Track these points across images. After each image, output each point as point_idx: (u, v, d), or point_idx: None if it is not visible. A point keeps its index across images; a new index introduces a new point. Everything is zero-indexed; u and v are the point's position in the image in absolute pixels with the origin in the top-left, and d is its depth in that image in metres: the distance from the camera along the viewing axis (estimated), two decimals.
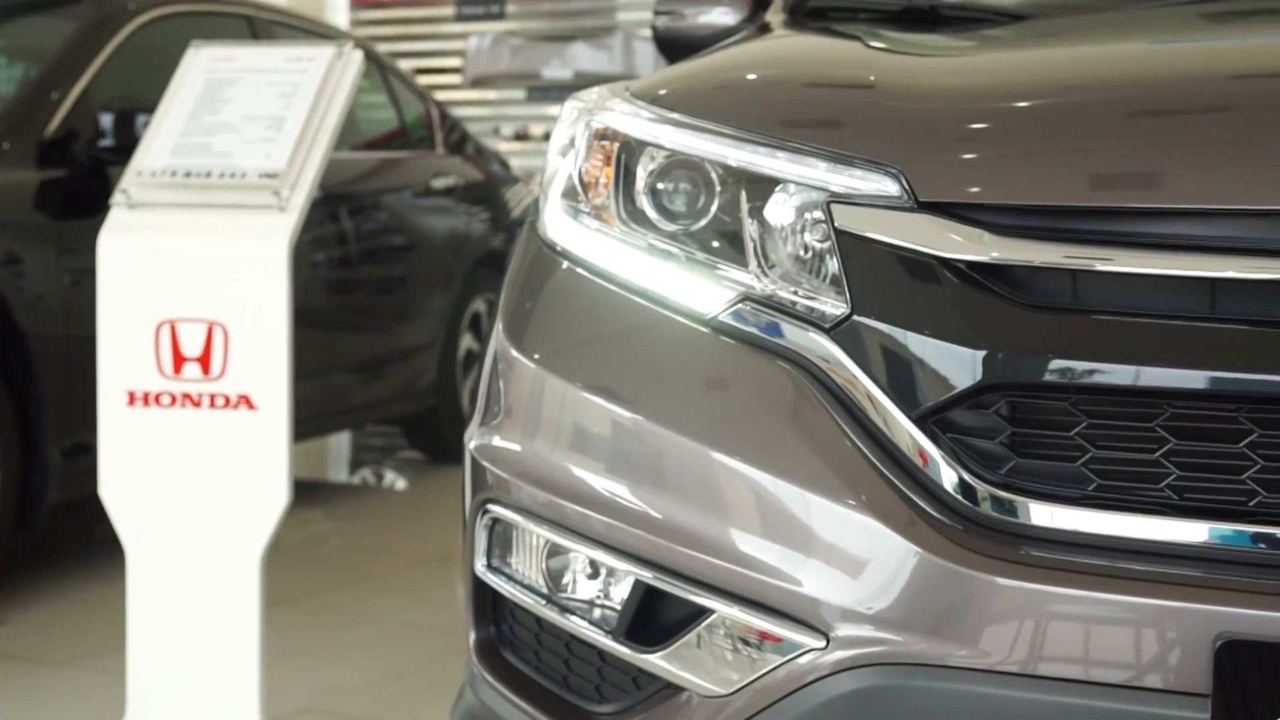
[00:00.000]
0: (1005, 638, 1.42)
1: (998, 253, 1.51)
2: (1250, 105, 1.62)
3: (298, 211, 2.88)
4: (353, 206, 5.51)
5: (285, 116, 2.95)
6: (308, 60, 3.07)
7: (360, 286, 5.62)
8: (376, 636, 3.92)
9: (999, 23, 2.27)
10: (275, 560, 3.02)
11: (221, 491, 2.87)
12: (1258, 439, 1.41)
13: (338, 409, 5.50)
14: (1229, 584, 1.38)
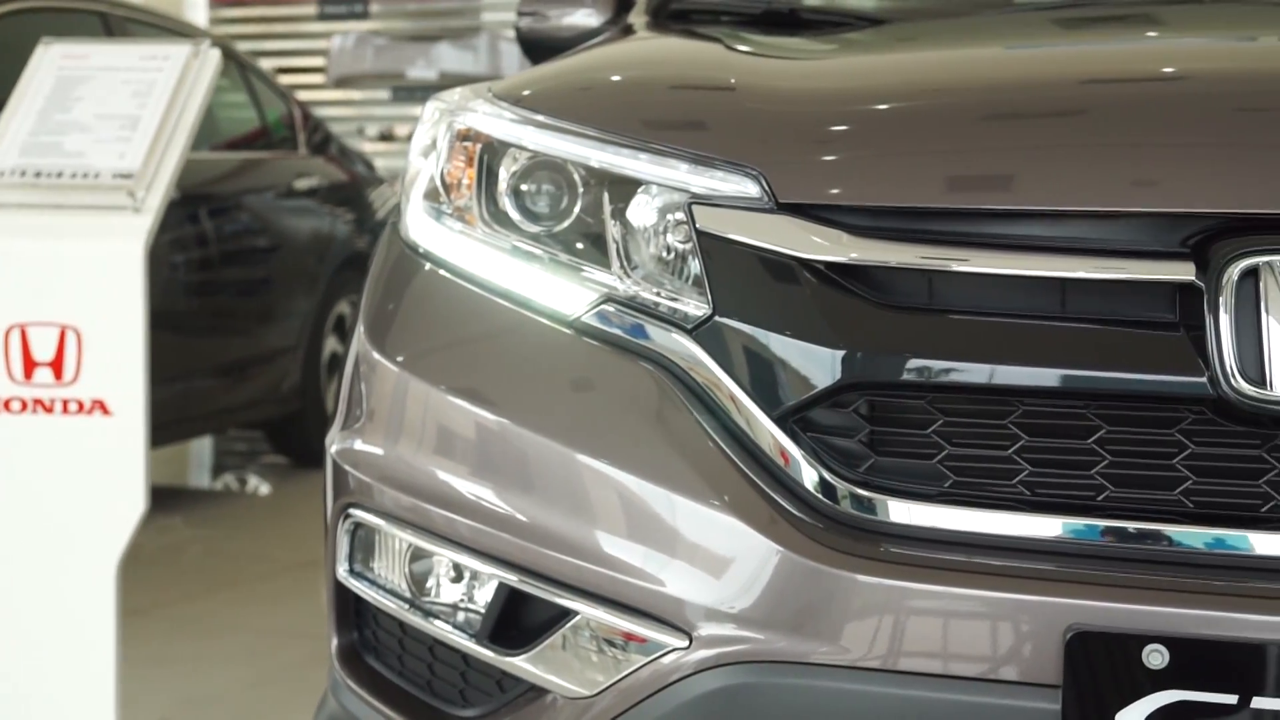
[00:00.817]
0: (865, 634, 1.44)
1: (856, 253, 1.53)
2: (1099, 109, 1.66)
3: (153, 212, 2.82)
4: (213, 207, 5.42)
5: (140, 116, 2.89)
6: (163, 58, 3.00)
7: (221, 289, 5.53)
8: (238, 645, 3.86)
9: (858, 26, 2.30)
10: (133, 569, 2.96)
11: (75, 499, 2.80)
12: (1106, 435, 1.45)
13: (198, 413, 5.41)
14: (1079, 577, 1.41)
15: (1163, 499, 1.44)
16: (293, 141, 6.33)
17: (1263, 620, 1.34)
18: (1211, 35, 2.03)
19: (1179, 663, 1.34)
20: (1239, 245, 1.41)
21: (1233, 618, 1.35)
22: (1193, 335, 1.42)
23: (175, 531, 5.23)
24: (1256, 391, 1.38)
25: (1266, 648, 1.33)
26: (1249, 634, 1.34)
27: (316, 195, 6.19)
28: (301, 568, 4.48)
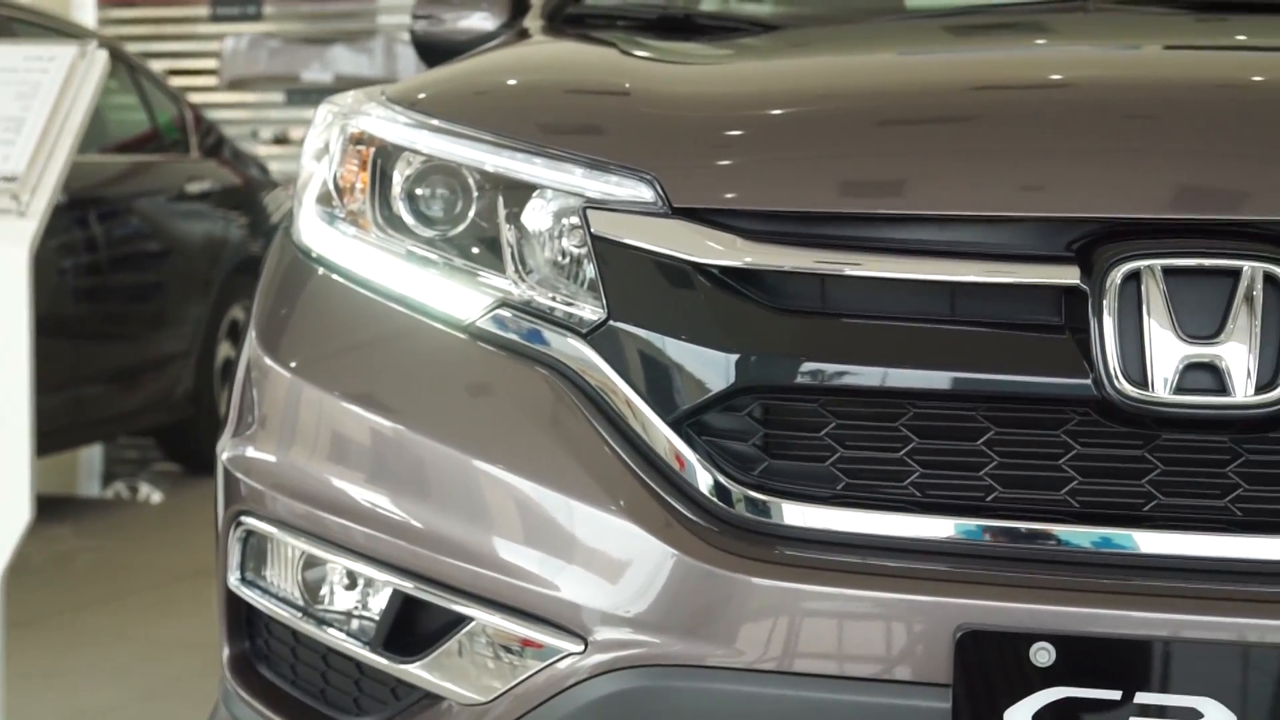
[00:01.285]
0: (760, 636, 1.45)
1: (750, 258, 1.54)
2: (988, 115, 1.68)
3: (39, 216, 2.77)
4: (102, 211, 5.32)
5: (24, 118, 2.84)
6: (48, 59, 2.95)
7: (111, 294, 5.44)
8: (128, 656, 3.80)
9: (753, 32, 2.31)
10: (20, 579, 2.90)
11: None
12: (994, 436, 1.47)
13: (88, 420, 5.31)
14: (968, 577, 1.43)
15: (1049, 499, 1.46)
16: (185, 144, 6.25)
17: (1146, 617, 1.37)
18: (1097, 44, 2.07)
19: (1066, 660, 1.37)
20: (1121, 249, 1.44)
21: (1117, 615, 1.38)
22: (1078, 338, 1.44)
23: (64, 541, 5.13)
24: (1139, 393, 1.41)
25: (1150, 644, 1.36)
26: (1133, 631, 1.37)
27: (209, 199, 6.11)
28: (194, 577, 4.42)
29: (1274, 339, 1.40)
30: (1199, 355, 1.40)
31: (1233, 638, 1.36)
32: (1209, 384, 1.41)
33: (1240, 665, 1.35)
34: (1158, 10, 2.34)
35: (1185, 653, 1.36)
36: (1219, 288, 1.42)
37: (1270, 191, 1.48)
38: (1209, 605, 1.38)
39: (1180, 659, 1.36)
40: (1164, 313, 1.41)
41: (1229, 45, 2.05)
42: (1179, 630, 1.36)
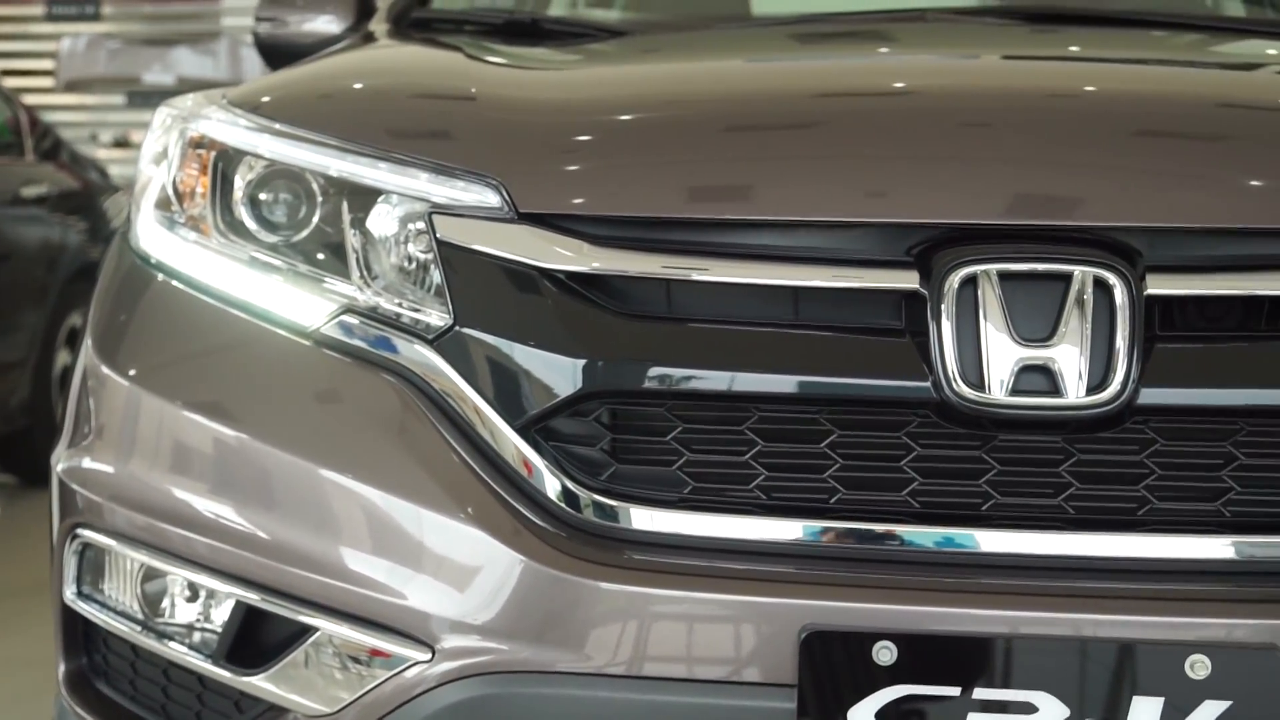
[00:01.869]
0: (610, 641, 1.46)
1: (598, 263, 1.54)
2: (832, 122, 1.71)
3: None
4: None
5: None
6: None
7: None
8: None
9: (600, 38, 2.32)
10: None
11: None
12: (838, 439, 1.49)
13: None
14: (812, 578, 1.45)
15: (891, 500, 1.49)
16: (19, 147, 6.07)
17: (984, 614, 1.40)
18: (936, 53, 2.11)
19: (906, 658, 1.39)
20: (959, 255, 1.47)
21: (957, 613, 1.41)
22: (917, 341, 1.47)
23: None
24: (976, 395, 1.44)
25: (988, 641, 1.39)
26: (971, 628, 1.40)
27: (45, 203, 5.94)
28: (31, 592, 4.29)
29: (1104, 342, 1.44)
30: (1033, 358, 1.44)
31: (1066, 633, 1.40)
32: (1043, 386, 1.44)
33: (1073, 660, 1.39)
34: (994, 21, 2.41)
35: (1021, 648, 1.39)
36: (1052, 292, 1.46)
37: (1101, 198, 1.52)
38: (1044, 602, 1.41)
39: (1016, 655, 1.39)
40: (1000, 316, 1.45)
41: (1063, 56, 2.11)
42: (1016, 627, 1.40)
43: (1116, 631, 1.39)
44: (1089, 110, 1.72)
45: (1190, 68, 2.05)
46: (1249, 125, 1.69)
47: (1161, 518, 1.46)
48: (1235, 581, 1.45)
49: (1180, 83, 1.90)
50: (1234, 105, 1.76)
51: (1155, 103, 1.74)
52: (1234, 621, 1.39)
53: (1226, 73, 2.02)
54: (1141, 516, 1.47)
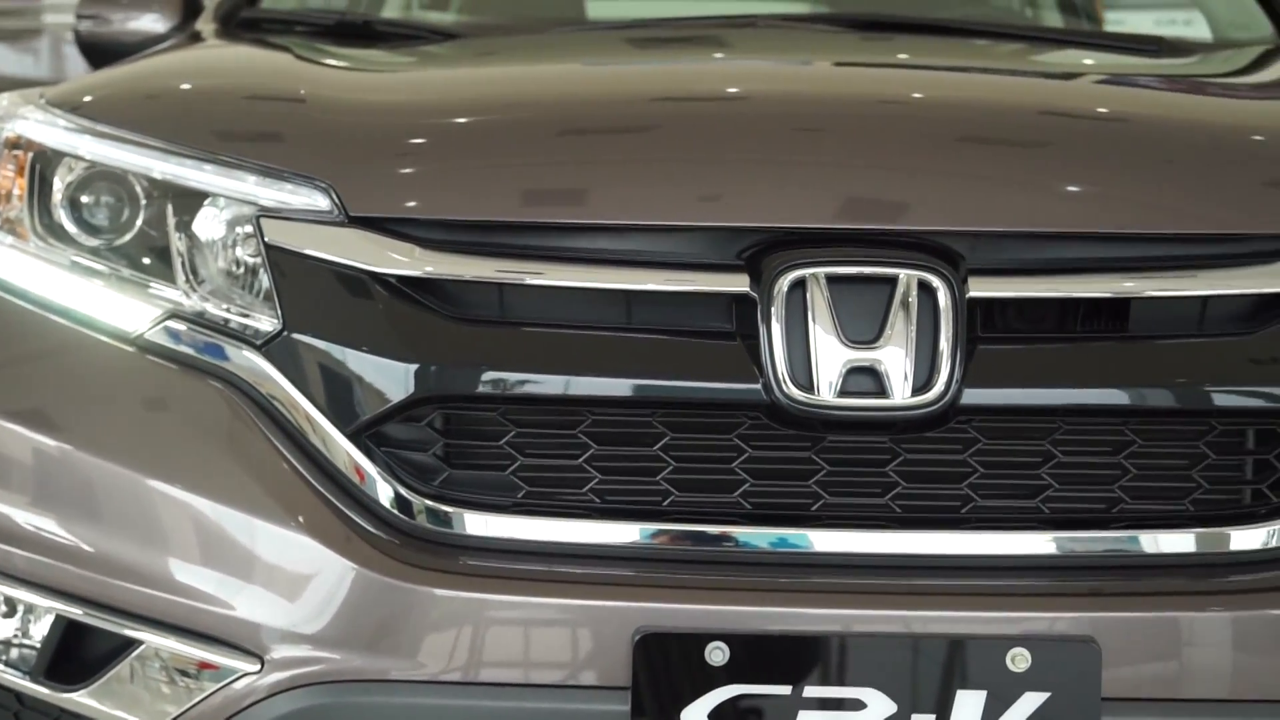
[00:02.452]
0: (444, 647, 1.45)
1: (431, 267, 1.53)
2: (664, 127, 1.73)
3: None
4: None
5: None
6: None
7: None
8: None
9: (434, 40, 2.31)
10: None
11: None
12: (670, 442, 1.50)
13: None
14: (646, 581, 1.46)
15: (723, 502, 1.50)
16: None
17: (814, 613, 1.43)
18: (768, 59, 2.14)
19: (738, 658, 1.41)
20: (788, 258, 1.49)
21: (787, 612, 1.43)
22: (748, 344, 1.49)
23: None
24: (805, 396, 1.46)
25: (818, 639, 1.41)
26: (801, 627, 1.42)
27: None
28: None
29: (928, 344, 1.47)
30: (860, 360, 1.47)
31: (893, 630, 1.42)
32: (870, 387, 1.47)
33: (900, 655, 1.41)
34: (824, 28, 2.45)
35: (850, 646, 1.41)
36: (878, 295, 1.48)
37: (925, 203, 1.55)
38: (871, 600, 1.44)
39: (846, 652, 1.41)
40: (828, 319, 1.47)
41: (891, 64, 2.15)
42: (845, 625, 1.42)
43: (941, 627, 1.42)
44: (915, 117, 1.76)
45: (1012, 76, 2.11)
46: (1066, 133, 1.74)
47: (984, 515, 1.50)
48: (1055, 576, 1.49)
49: (1002, 91, 1.96)
50: (1052, 113, 1.81)
51: (978, 110, 1.79)
52: (1053, 615, 1.43)
53: (1046, 81, 2.08)
54: (965, 514, 1.50)
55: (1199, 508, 1.51)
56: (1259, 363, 1.50)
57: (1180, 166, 1.64)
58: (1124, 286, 1.52)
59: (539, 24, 2.65)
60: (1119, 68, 2.19)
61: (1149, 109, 1.87)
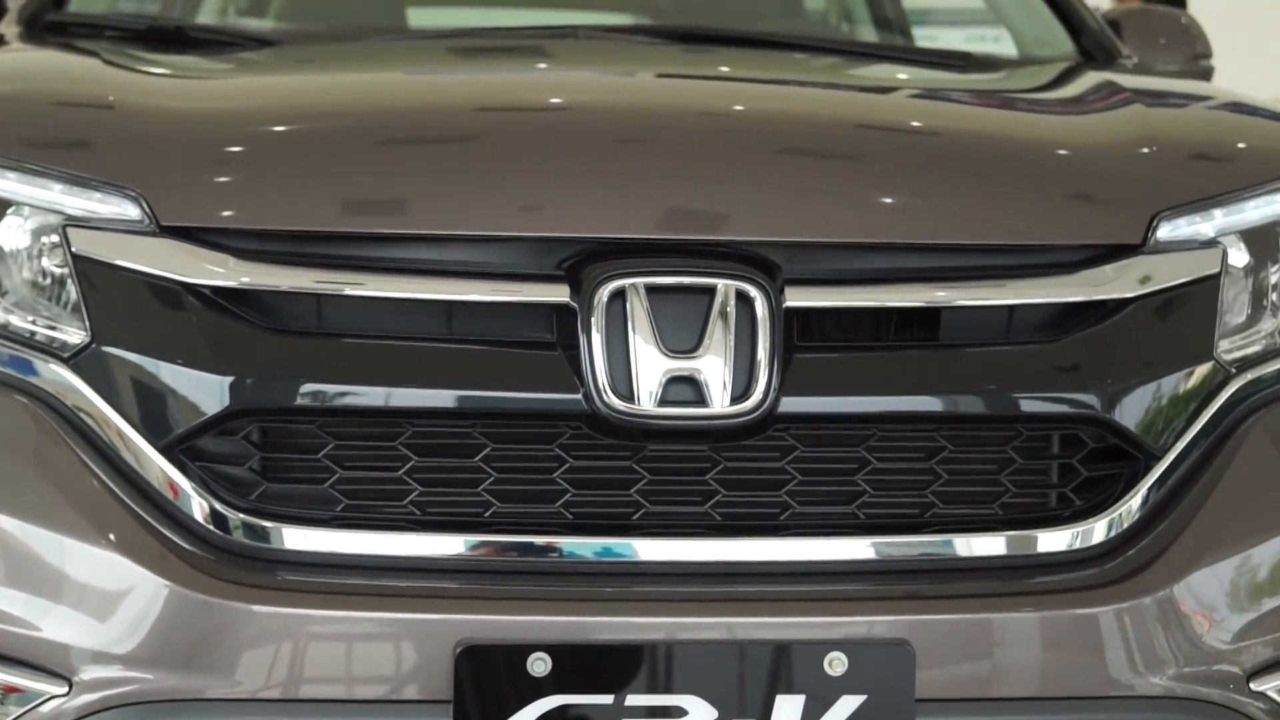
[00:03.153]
0: (263, 664, 1.42)
1: (246, 278, 1.51)
2: (484, 137, 1.72)
3: None
4: None
5: None
6: None
7: None
8: None
9: (251, 47, 2.27)
10: None
11: None
12: (491, 453, 1.50)
13: None
14: (468, 593, 1.46)
15: (545, 512, 1.50)
16: None
17: (635, 622, 1.43)
18: (590, 70, 2.15)
19: (561, 669, 1.41)
20: (608, 268, 1.50)
21: (608, 621, 1.43)
22: (569, 354, 1.49)
23: None
24: (626, 406, 1.47)
25: (640, 648, 1.42)
26: (623, 636, 1.43)
27: None
28: None
29: (746, 353, 1.49)
30: (680, 369, 1.48)
31: (713, 636, 1.44)
32: (689, 396, 1.48)
33: (720, 662, 1.43)
34: (645, 40, 2.47)
35: (671, 654, 1.42)
36: (697, 305, 1.50)
37: (743, 214, 1.58)
38: (691, 607, 1.45)
39: (667, 660, 1.42)
40: (648, 329, 1.48)
41: (711, 76, 2.18)
42: (665, 633, 1.43)
43: (761, 633, 1.44)
44: (733, 129, 1.78)
45: (828, 90, 2.15)
46: (881, 145, 1.78)
47: (802, 521, 1.52)
48: (871, 581, 1.52)
49: (818, 104, 2.00)
50: (866, 126, 1.85)
51: (795, 123, 1.82)
52: (868, 619, 1.46)
53: (860, 96, 2.13)
54: (784, 521, 1.52)
55: (1008, 511, 1.56)
56: (1063, 369, 1.55)
57: (988, 180, 1.69)
58: (935, 296, 1.56)
59: (359, 32, 2.62)
60: (930, 82, 2.25)
61: (958, 123, 1.92)
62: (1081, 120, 1.95)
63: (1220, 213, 1.67)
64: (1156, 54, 2.73)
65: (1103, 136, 1.80)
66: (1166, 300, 1.60)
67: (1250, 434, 1.59)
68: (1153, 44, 2.77)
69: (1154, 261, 1.60)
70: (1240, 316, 1.65)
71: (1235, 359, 1.62)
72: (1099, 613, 1.48)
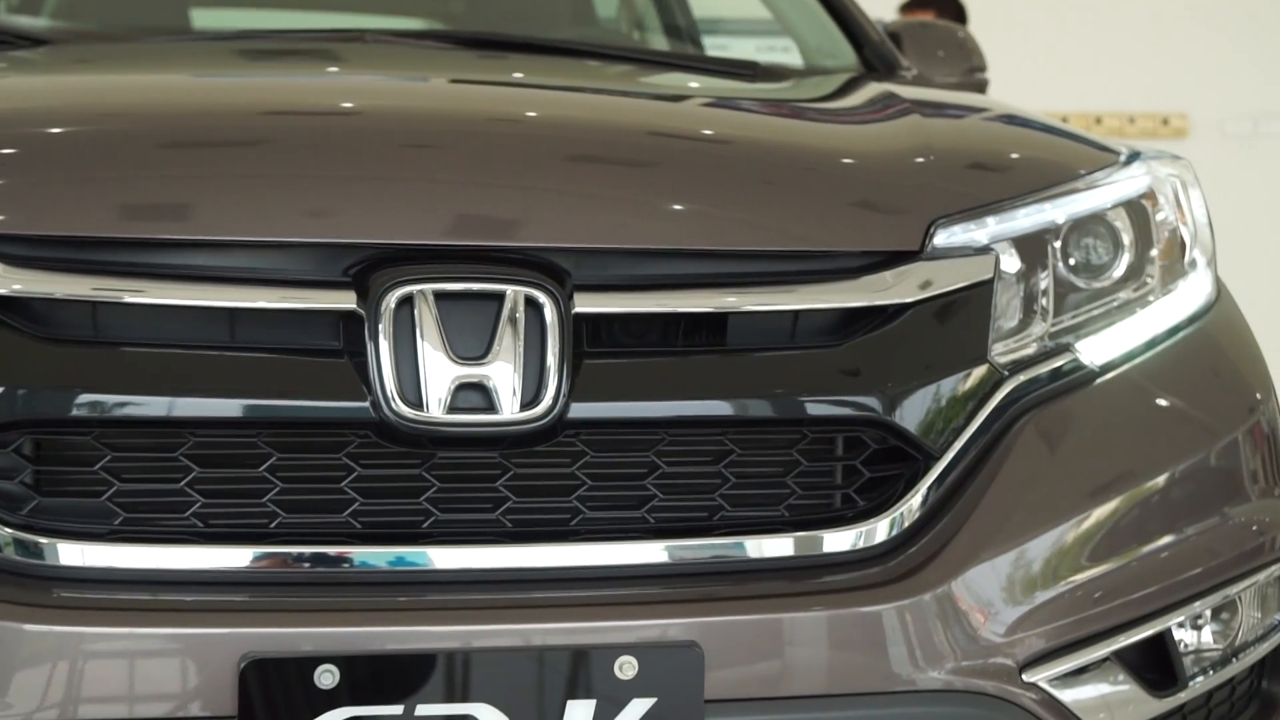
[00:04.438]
0: (37, 685, 1.38)
1: (19, 285, 1.46)
2: (269, 141, 1.69)
3: None
4: None
5: None
6: None
7: None
8: None
9: (22, 46, 2.19)
10: None
11: None
12: (277, 462, 1.47)
13: None
14: (252, 605, 1.43)
15: (333, 522, 1.48)
16: None
17: (424, 631, 1.42)
18: (378, 75, 2.13)
19: (350, 680, 1.39)
20: (395, 275, 1.48)
21: (396, 631, 1.42)
22: (356, 362, 1.47)
23: None
24: (415, 414, 1.46)
25: (429, 657, 1.41)
26: (412, 645, 1.41)
27: None
28: None
29: (536, 359, 1.49)
30: (469, 376, 1.47)
31: (503, 644, 1.43)
32: (479, 403, 1.48)
33: (511, 669, 1.42)
34: (435, 45, 2.45)
35: (461, 662, 1.41)
36: (486, 311, 1.49)
37: (531, 220, 1.58)
38: (481, 615, 1.44)
39: (457, 668, 1.41)
40: (436, 336, 1.47)
41: (501, 82, 2.17)
42: (454, 641, 1.42)
43: (551, 639, 1.44)
44: (523, 135, 1.78)
45: (618, 97, 2.17)
46: (670, 153, 1.80)
47: (593, 527, 1.53)
48: (662, 584, 1.53)
49: (608, 111, 2.01)
50: (657, 133, 1.87)
51: (585, 129, 1.83)
52: (658, 622, 1.47)
53: (650, 103, 2.14)
54: (575, 526, 1.53)
55: (794, 513, 1.58)
56: (846, 373, 1.59)
57: (774, 187, 1.72)
58: (723, 302, 1.58)
59: (140, 32, 2.55)
60: (718, 91, 2.28)
61: (745, 131, 1.95)
62: (863, 130, 2.00)
63: (993, 220, 1.72)
64: (935, 66, 2.82)
65: (882, 146, 1.84)
66: (943, 305, 1.64)
67: (1023, 434, 1.65)
68: (931, 57, 2.85)
69: (931, 267, 1.65)
70: (1013, 321, 1.71)
71: (1008, 361, 1.68)
72: (881, 610, 1.52)
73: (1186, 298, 1.85)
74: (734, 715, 1.48)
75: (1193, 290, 1.86)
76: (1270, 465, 1.82)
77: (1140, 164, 1.90)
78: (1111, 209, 1.81)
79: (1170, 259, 1.85)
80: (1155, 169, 1.90)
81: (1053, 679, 1.59)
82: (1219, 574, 1.72)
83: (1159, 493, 1.70)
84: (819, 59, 2.82)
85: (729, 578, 1.55)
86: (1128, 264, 1.81)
